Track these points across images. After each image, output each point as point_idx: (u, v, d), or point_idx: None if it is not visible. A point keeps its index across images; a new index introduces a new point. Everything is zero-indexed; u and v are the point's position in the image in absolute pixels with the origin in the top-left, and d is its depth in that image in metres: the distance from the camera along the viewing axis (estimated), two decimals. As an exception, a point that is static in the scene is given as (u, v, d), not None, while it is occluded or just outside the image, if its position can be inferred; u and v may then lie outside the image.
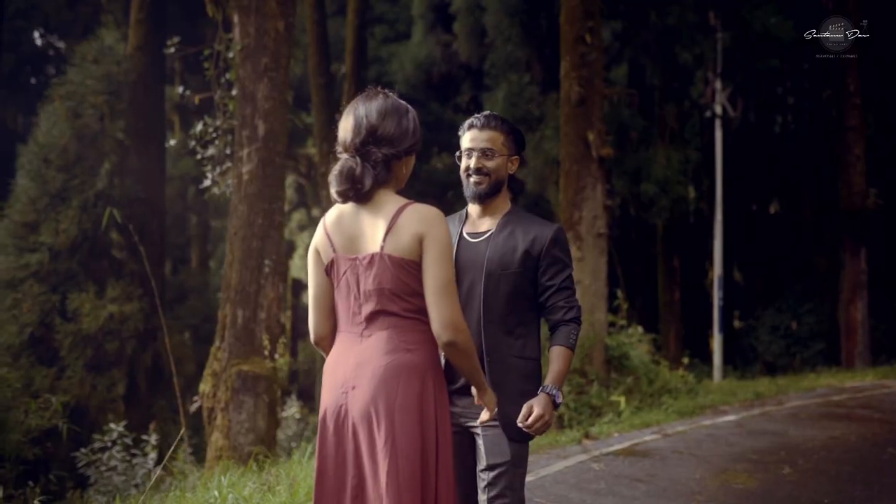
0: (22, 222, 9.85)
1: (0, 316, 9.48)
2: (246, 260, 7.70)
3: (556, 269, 2.86)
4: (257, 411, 7.48)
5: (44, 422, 7.98)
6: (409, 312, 2.51)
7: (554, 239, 2.86)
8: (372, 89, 2.60)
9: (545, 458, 6.87)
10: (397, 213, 2.46)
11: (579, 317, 2.88)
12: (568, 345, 2.83)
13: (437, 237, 2.47)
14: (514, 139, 2.97)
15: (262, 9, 7.84)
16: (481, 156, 2.88)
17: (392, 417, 2.43)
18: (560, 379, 2.80)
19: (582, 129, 11.36)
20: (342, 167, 2.50)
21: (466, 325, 2.50)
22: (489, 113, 2.99)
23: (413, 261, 2.47)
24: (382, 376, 2.46)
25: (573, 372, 10.77)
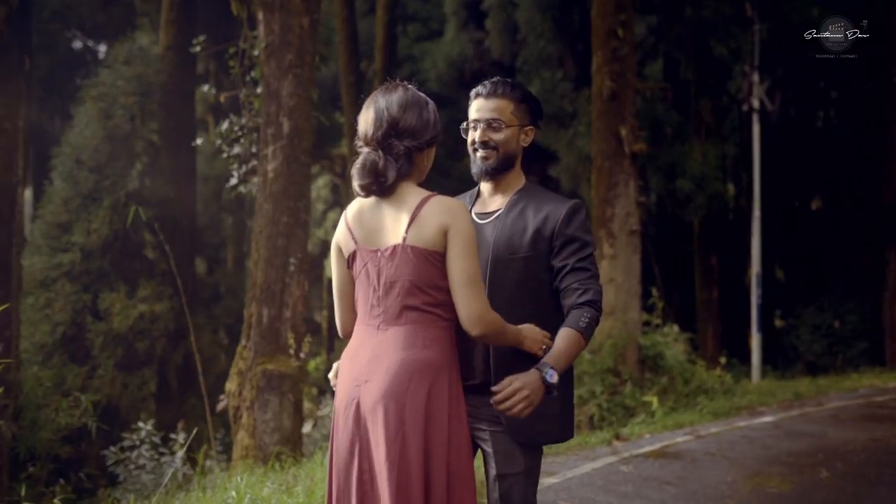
0: (55, 223, 9.96)
1: (33, 315, 9.59)
2: (271, 258, 7.66)
3: (570, 250, 2.56)
4: (283, 410, 7.44)
5: (74, 420, 8.03)
6: (429, 307, 2.44)
7: (568, 216, 2.58)
8: (391, 82, 2.56)
9: (573, 458, 6.72)
10: (420, 204, 2.40)
11: (598, 301, 2.52)
12: (577, 327, 2.47)
13: (461, 229, 2.40)
14: (529, 108, 2.70)
15: (287, 5, 7.79)
16: (487, 127, 2.63)
17: (402, 415, 2.36)
18: (560, 359, 2.44)
19: (614, 125, 11.18)
20: (364, 160, 2.46)
21: (495, 316, 2.42)
22: (498, 79, 2.72)
23: (436, 251, 2.40)
24: (396, 372, 2.39)
25: (606, 371, 10.59)
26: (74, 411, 8.11)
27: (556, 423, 2.64)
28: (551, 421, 2.62)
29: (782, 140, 17.75)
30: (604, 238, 11.21)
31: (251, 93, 8.02)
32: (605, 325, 11.02)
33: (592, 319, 2.51)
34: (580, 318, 2.49)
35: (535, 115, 2.75)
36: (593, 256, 2.61)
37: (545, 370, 2.40)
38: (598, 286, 2.57)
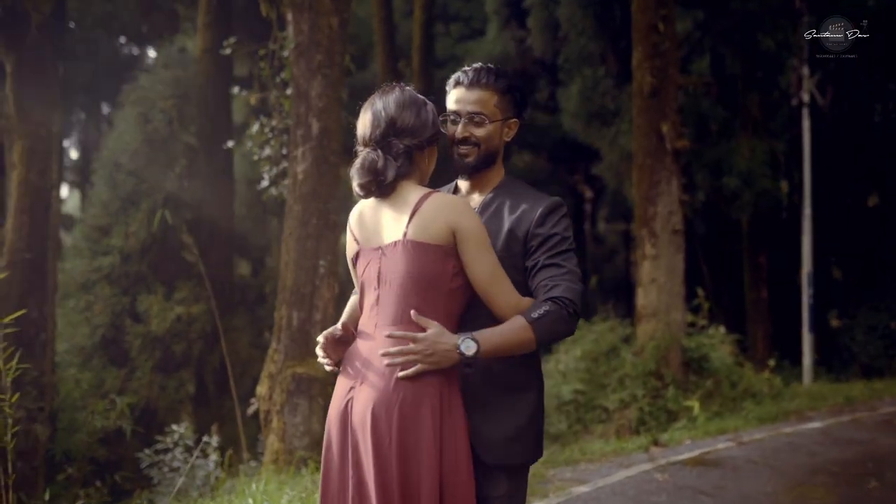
0: (95, 226, 10.07)
1: (73, 318, 9.71)
2: (300, 261, 7.60)
3: (544, 248, 2.39)
4: (312, 414, 7.36)
5: (109, 423, 8.08)
6: (427, 307, 2.34)
7: (543, 216, 2.41)
8: (388, 84, 2.52)
9: (607, 466, 6.52)
10: (420, 200, 2.37)
11: (566, 298, 2.30)
12: (527, 317, 2.28)
13: (470, 227, 2.35)
14: (513, 98, 2.51)
15: (316, 6, 7.72)
16: (469, 122, 2.46)
17: (389, 428, 2.25)
18: (491, 336, 2.25)
19: (655, 122, 10.91)
20: (363, 160, 2.42)
21: (529, 300, 2.37)
22: (480, 66, 2.53)
23: (438, 245, 2.33)
24: (385, 386, 2.28)
25: (648, 374, 10.33)
26: (110, 414, 8.16)
27: (527, 444, 2.48)
28: (522, 442, 2.46)
29: (835, 135, 17.18)
30: (646, 237, 10.94)
31: (281, 94, 7.97)
32: (647, 327, 10.76)
33: (551, 316, 2.29)
34: (535, 310, 2.31)
35: (521, 107, 2.56)
36: (571, 253, 2.42)
37: (463, 339, 2.25)
38: (571, 283, 2.35)
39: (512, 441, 2.43)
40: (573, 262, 2.41)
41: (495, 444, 2.41)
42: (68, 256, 10.56)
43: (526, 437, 2.46)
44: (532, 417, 2.47)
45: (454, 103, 2.50)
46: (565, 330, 2.35)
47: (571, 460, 6.64)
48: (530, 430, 2.47)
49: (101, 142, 10.70)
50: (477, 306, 2.40)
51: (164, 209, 7.37)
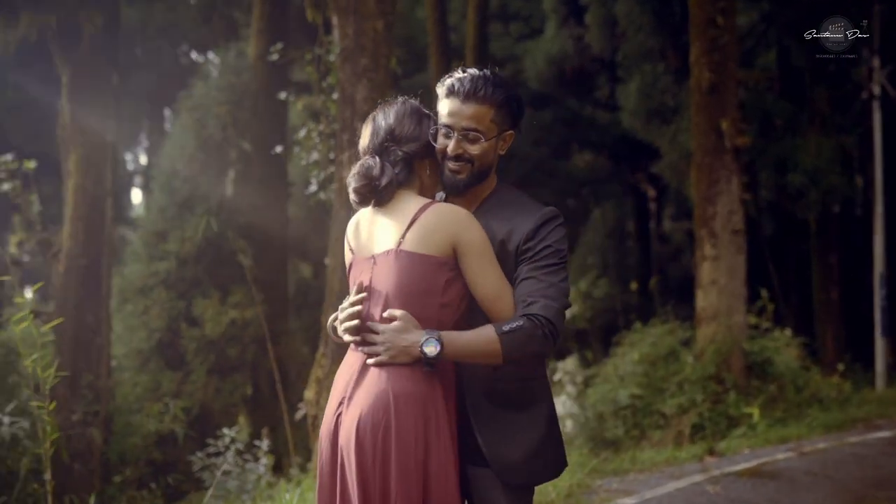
0: (153, 231, 10.27)
1: (132, 322, 9.91)
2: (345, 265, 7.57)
3: (532, 261, 2.26)
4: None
5: (163, 426, 8.20)
6: (423, 322, 2.26)
7: (535, 229, 2.28)
8: (392, 98, 2.49)
9: (657, 476, 6.32)
10: (419, 210, 2.29)
11: (542, 317, 2.18)
12: (497, 329, 2.18)
13: (473, 240, 2.27)
14: (509, 110, 2.36)
15: (361, 9, 7.69)
16: (463, 138, 2.32)
17: (374, 449, 2.17)
18: (456, 340, 2.17)
19: (714, 118, 10.60)
20: (360, 165, 2.38)
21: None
22: (476, 74, 2.36)
23: (433, 257, 2.25)
24: (373, 404, 2.22)
25: (708, 379, 10.03)
26: (164, 417, 8.29)
27: (548, 460, 2.37)
28: (543, 458, 2.35)
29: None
30: (705, 238, 10.65)
31: (328, 99, 7.97)
32: (707, 330, 10.47)
33: (522, 333, 2.17)
34: (508, 323, 2.20)
35: (517, 116, 2.41)
36: (559, 267, 2.27)
37: (428, 337, 2.17)
38: (551, 301, 2.21)
39: (532, 459, 2.33)
40: (559, 277, 2.27)
41: (515, 464, 2.32)
42: (128, 261, 10.79)
43: (545, 453, 2.37)
44: (547, 431, 2.38)
45: (447, 116, 2.35)
46: (537, 349, 2.22)
47: (621, 470, 6.46)
48: (548, 444, 2.37)
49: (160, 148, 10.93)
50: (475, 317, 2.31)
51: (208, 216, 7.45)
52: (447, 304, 2.28)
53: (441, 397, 2.24)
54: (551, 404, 2.41)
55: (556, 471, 2.41)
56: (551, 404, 2.41)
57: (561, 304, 2.24)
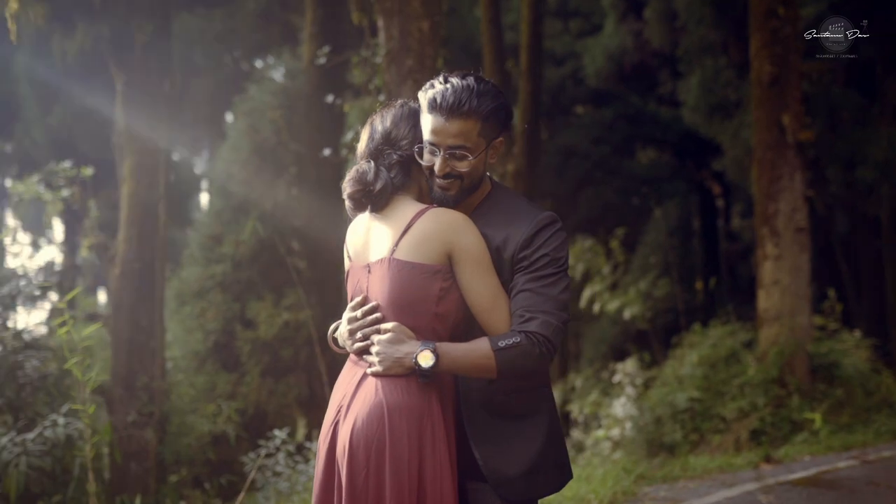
0: (209, 235, 10.45)
1: (189, 324, 10.10)
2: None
3: (528, 272, 2.17)
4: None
5: (217, 427, 8.32)
6: (417, 332, 2.21)
7: (531, 235, 2.18)
8: (392, 102, 2.45)
9: (707, 484, 6.12)
10: (415, 217, 2.22)
11: (541, 334, 2.10)
12: (494, 345, 2.11)
13: (468, 248, 2.18)
14: (497, 120, 2.25)
15: (406, 10, 7.66)
16: (450, 157, 2.22)
17: (367, 463, 2.12)
18: (452, 353, 2.11)
19: (775, 113, 10.28)
20: (355, 170, 2.34)
21: None
22: (458, 86, 2.20)
23: (426, 265, 2.18)
24: (367, 417, 2.17)
25: (770, 382, 9.72)
26: (218, 418, 8.42)
27: (548, 474, 2.28)
28: (543, 472, 2.26)
29: None
30: (767, 237, 10.32)
31: (375, 101, 7.97)
32: (770, 332, 10.15)
33: (518, 350, 2.09)
34: (504, 339, 2.12)
35: (504, 122, 2.30)
36: (558, 277, 2.17)
37: (423, 349, 2.11)
38: (549, 317, 2.11)
39: (531, 473, 2.25)
40: (558, 288, 2.17)
41: (513, 478, 2.23)
42: (186, 264, 11.00)
43: (545, 466, 2.27)
44: (547, 444, 2.28)
45: (431, 133, 2.23)
46: (533, 368, 2.14)
47: (670, 477, 6.27)
48: (549, 457, 2.28)
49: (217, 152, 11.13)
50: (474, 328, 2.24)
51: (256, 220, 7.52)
52: (442, 314, 2.21)
53: (437, 410, 2.18)
54: (553, 415, 2.32)
55: (558, 484, 2.32)
56: (553, 415, 2.32)
57: (559, 320, 2.15)
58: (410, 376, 2.15)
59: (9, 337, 7.06)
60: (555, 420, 2.32)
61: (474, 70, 2.38)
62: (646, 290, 15.20)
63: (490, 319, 2.18)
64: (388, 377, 2.17)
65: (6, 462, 6.23)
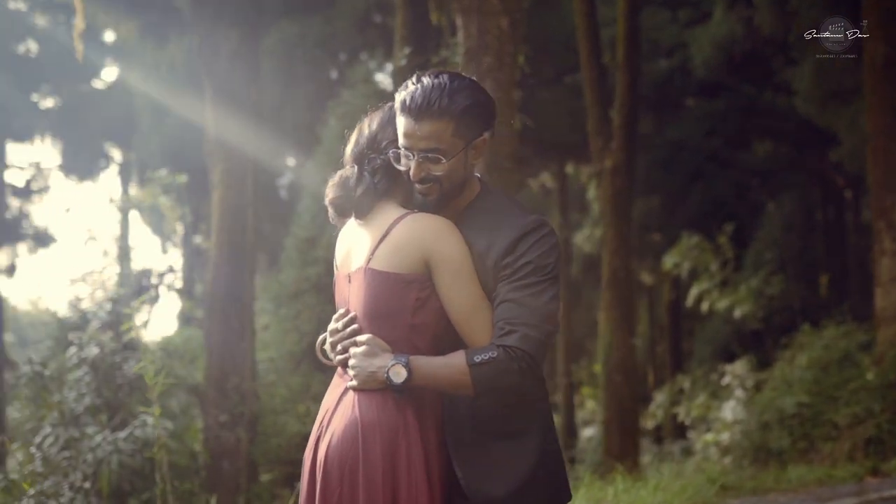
0: (304, 237, 10.65)
1: (285, 325, 10.32)
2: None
3: (511, 280, 2.02)
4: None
5: (306, 427, 8.45)
6: (394, 344, 2.10)
7: (514, 241, 2.03)
8: (382, 104, 2.35)
9: (799, 498, 5.72)
10: (392, 224, 2.11)
11: (520, 349, 1.96)
12: (469, 360, 1.98)
13: (446, 255, 2.06)
14: (474, 118, 2.10)
15: (483, 7, 7.55)
16: (423, 160, 2.09)
17: (340, 484, 2.04)
18: (425, 368, 2.00)
19: (891, 97, 9.59)
20: (338, 175, 2.27)
21: None
22: (428, 85, 2.07)
23: (401, 275, 2.08)
24: (342, 435, 2.08)
25: (888, 387, 9.06)
26: (307, 418, 8.55)
27: (540, 496, 2.11)
28: (532, 497, 2.10)
29: None
30: (884, 231, 9.64)
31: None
32: (888, 332, 9.48)
33: (495, 366, 1.95)
34: (480, 354, 1.98)
35: (486, 119, 2.14)
36: (544, 285, 2.01)
37: (395, 362, 2.00)
38: (530, 330, 1.96)
39: (518, 495, 2.09)
40: (543, 298, 2.01)
41: (500, 501, 2.08)
42: (283, 267, 11.25)
43: (535, 488, 2.11)
44: (538, 462, 2.12)
45: (403, 137, 2.11)
46: (512, 384, 1.99)
47: (761, 489, 5.91)
48: (540, 477, 2.12)
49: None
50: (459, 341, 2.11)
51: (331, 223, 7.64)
52: (419, 326, 2.09)
53: (415, 427, 2.06)
54: (548, 433, 2.16)
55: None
56: (548, 433, 2.16)
57: (542, 333, 2.00)
58: (387, 391, 2.06)
59: (107, 339, 7.36)
60: (550, 439, 2.17)
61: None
62: (758, 287, 14.51)
63: (470, 332, 2.06)
64: (365, 392, 2.08)
65: (99, 460, 6.50)
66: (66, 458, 6.75)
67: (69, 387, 7.24)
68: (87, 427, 6.72)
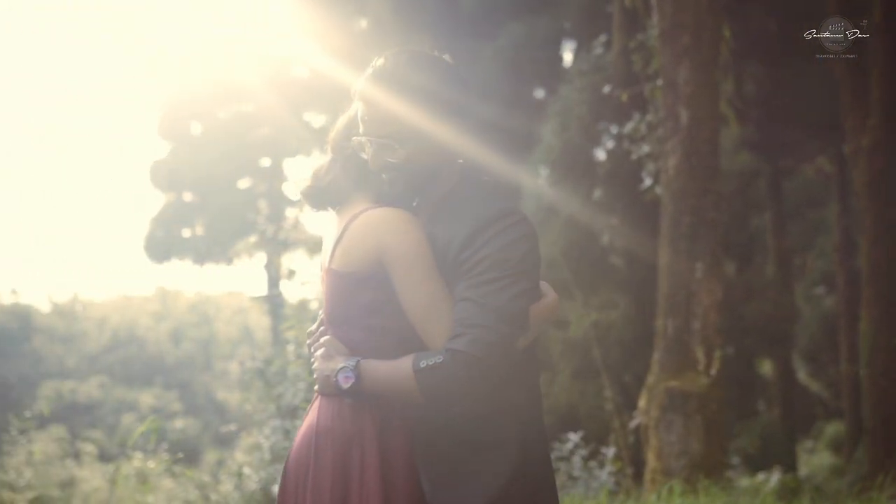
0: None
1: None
2: (673, 264, 6.99)
3: (469, 280, 1.84)
4: (689, 434, 6.71)
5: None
6: (356, 347, 2.00)
7: (471, 235, 1.85)
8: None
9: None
10: (351, 219, 2.02)
11: (469, 353, 1.77)
12: (414, 366, 1.80)
13: (400, 251, 1.93)
14: (430, 98, 1.92)
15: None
16: (379, 149, 1.96)
17: (296, 493, 1.99)
18: (374, 374, 1.84)
19: None
20: (315, 167, 2.19)
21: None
22: (380, 66, 1.94)
23: (356, 274, 1.97)
24: (300, 440, 2.06)
25: None
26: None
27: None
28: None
29: None
30: None
31: (652, 86, 7.46)
32: None
33: (442, 372, 1.77)
34: (427, 358, 1.81)
35: (449, 101, 1.95)
36: (503, 282, 1.80)
37: (345, 366, 1.87)
38: (482, 332, 1.76)
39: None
40: (504, 297, 1.80)
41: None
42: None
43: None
44: (512, 480, 1.90)
45: (360, 123, 2.00)
46: (462, 392, 1.79)
47: None
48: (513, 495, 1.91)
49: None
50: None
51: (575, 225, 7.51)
52: (380, 329, 1.95)
53: (372, 435, 1.92)
54: (526, 445, 1.94)
55: None
56: (526, 445, 1.94)
57: (498, 334, 1.79)
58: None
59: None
60: (529, 451, 1.93)
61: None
62: None
63: (426, 334, 1.88)
64: (327, 397, 1.98)
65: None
66: (285, 448, 7.28)
67: (290, 381, 7.75)
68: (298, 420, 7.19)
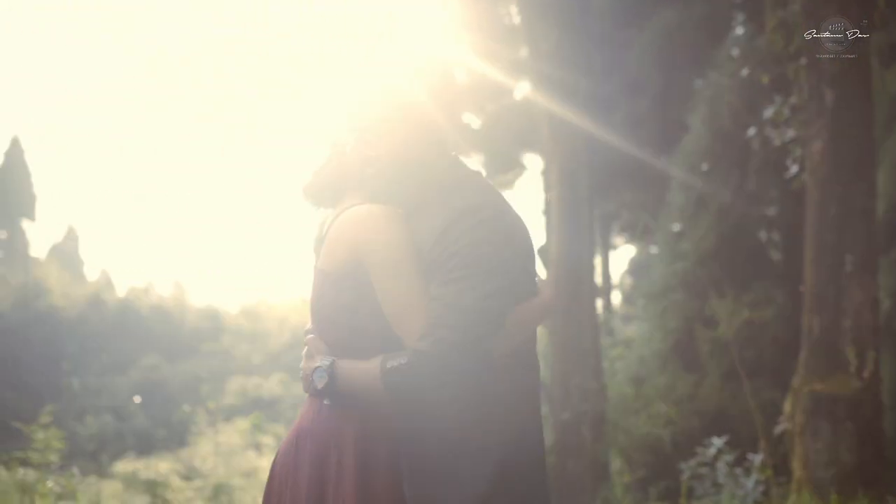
0: (670, 231, 10.12)
1: (654, 322, 9.92)
2: (819, 257, 6.44)
3: (438, 279, 1.78)
4: (838, 440, 6.15)
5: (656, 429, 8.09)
6: (338, 347, 1.96)
7: (441, 233, 1.78)
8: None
9: None
10: (335, 217, 2.02)
11: (433, 355, 1.70)
12: (381, 366, 1.75)
13: (376, 248, 1.90)
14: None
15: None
16: (358, 141, 1.96)
17: (280, 494, 1.98)
18: (348, 374, 1.79)
19: None
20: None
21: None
22: (364, 51, 2.01)
23: (335, 273, 1.95)
24: (286, 441, 2.06)
25: None
26: (657, 420, 8.13)
27: None
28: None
29: None
30: None
31: (796, 66, 6.92)
32: None
33: (408, 372, 1.71)
34: (393, 359, 1.75)
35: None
36: (473, 281, 1.72)
37: (318, 366, 1.84)
38: (450, 332, 1.70)
39: None
40: (473, 295, 1.72)
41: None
42: (653, 263, 10.85)
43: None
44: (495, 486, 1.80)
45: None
46: (428, 394, 1.73)
47: None
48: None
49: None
50: None
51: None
52: (361, 329, 1.90)
53: (351, 437, 1.86)
54: (510, 450, 1.82)
55: None
56: (510, 450, 1.82)
57: (463, 336, 1.71)
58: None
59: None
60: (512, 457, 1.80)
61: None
62: None
63: (403, 334, 1.82)
64: (311, 397, 1.95)
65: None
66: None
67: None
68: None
